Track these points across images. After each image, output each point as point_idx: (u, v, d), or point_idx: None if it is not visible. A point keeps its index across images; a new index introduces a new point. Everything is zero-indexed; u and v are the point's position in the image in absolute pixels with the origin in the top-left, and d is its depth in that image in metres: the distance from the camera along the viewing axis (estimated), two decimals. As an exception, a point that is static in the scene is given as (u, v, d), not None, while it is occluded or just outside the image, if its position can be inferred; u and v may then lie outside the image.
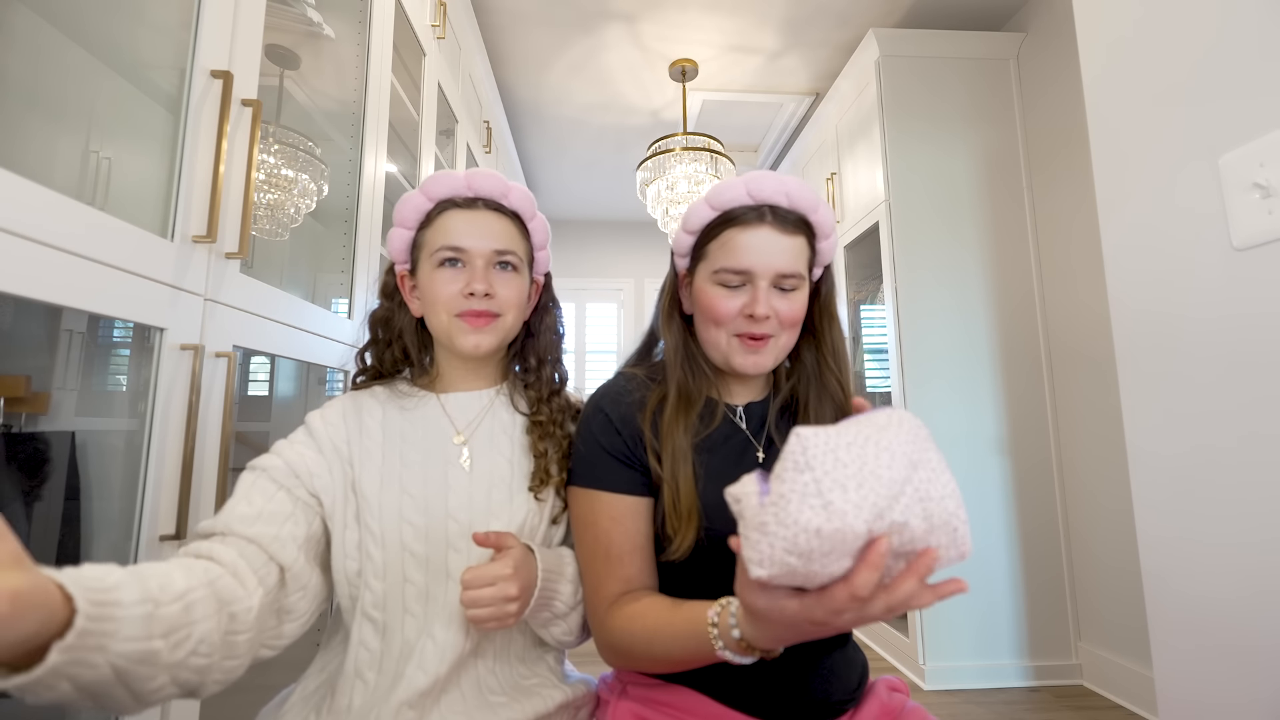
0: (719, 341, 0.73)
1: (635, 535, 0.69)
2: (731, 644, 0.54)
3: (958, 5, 2.21)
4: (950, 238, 2.12)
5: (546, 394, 0.78)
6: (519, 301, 0.76)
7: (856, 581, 0.41)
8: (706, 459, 0.71)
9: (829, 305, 0.78)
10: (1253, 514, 0.75)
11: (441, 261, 0.72)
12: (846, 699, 0.70)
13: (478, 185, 0.74)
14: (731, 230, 0.71)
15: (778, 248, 0.70)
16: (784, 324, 0.72)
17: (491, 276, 0.72)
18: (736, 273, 0.70)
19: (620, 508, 0.69)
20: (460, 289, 0.71)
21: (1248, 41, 0.75)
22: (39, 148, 0.85)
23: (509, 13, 2.23)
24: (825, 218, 0.73)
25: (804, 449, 0.43)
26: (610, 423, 0.72)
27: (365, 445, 0.71)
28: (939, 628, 1.94)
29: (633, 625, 0.64)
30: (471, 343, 0.72)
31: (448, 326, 0.72)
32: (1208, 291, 0.80)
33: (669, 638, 0.60)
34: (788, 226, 0.70)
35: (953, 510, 0.43)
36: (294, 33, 1.31)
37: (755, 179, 0.70)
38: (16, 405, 0.76)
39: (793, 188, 0.70)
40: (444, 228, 0.73)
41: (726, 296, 0.71)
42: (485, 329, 0.72)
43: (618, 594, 0.67)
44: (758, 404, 0.78)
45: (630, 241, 4.38)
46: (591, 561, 0.69)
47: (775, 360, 0.73)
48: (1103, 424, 1.88)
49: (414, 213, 0.75)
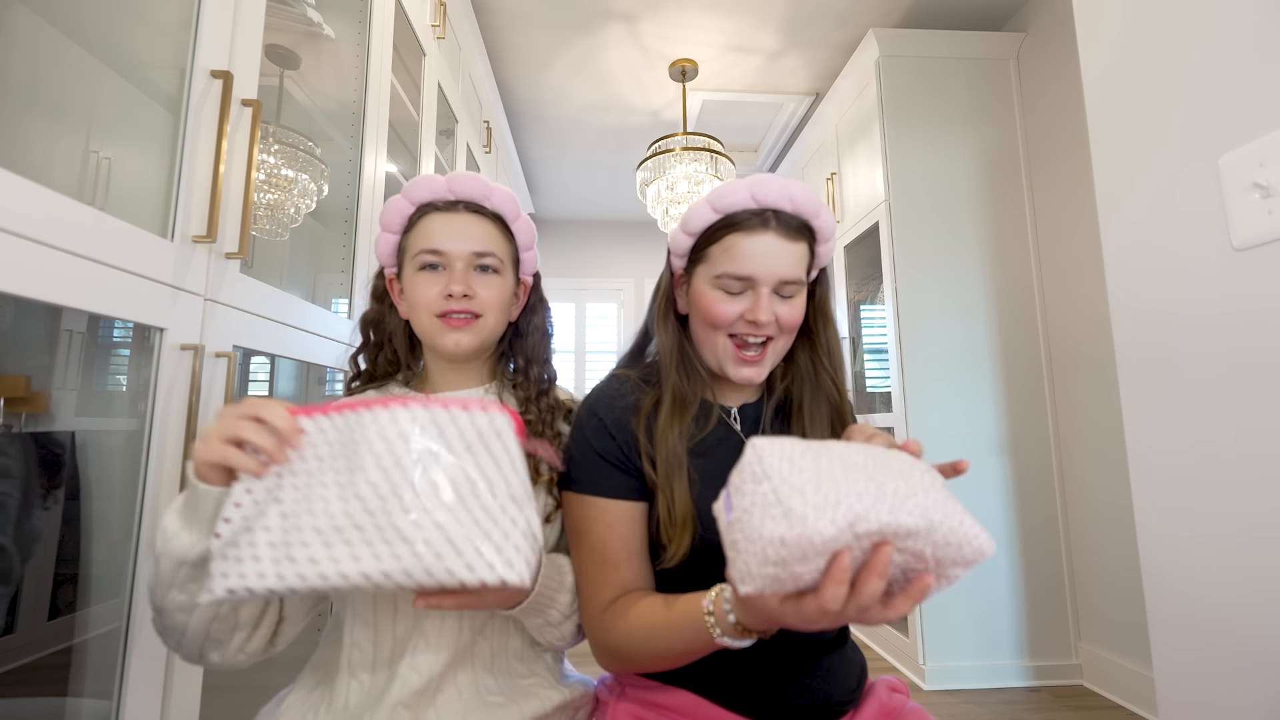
0: (714, 345, 0.73)
1: (631, 541, 0.69)
2: (729, 629, 0.55)
3: (958, 5, 2.21)
4: (950, 238, 2.12)
5: (535, 394, 0.78)
6: (500, 302, 0.76)
7: (824, 596, 0.41)
8: (701, 463, 0.70)
9: (824, 306, 0.78)
10: (1253, 513, 0.75)
11: (422, 265, 0.73)
12: (846, 700, 0.70)
13: (459, 188, 0.75)
14: (734, 235, 0.70)
15: (781, 254, 0.69)
16: (784, 329, 0.72)
17: (471, 278, 0.73)
18: (739, 279, 0.70)
19: (615, 514, 0.69)
20: (439, 291, 0.72)
21: (1248, 41, 0.75)
22: (39, 148, 0.85)
23: (509, 13, 2.23)
24: (827, 222, 0.72)
25: (759, 459, 0.44)
26: (605, 427, 0.71)
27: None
28: (939, 628, 1.94)
29: (629, 625, 0.64)
30: (451, 341, 0.72)
31: (429, 327, 0.73)
32: (1208, 291, 0.80)
33: (666, 632, 0.61)
34: (791, 232, 0.70)
35: (949, 507, 0.43)
36: (294, 33, 1.31)
37: (759, 182, 0.69)
38: (16, 405, 0.77)
39: (797, 192, 0.69)
40: (424, 231, 0.74)
41: (726, 301, 0.71)
42: (465, 329, 0.73)
43: (613, 599, 0.67)
44: (751, 405, 0.78)
45: (630, 241, 4.38)
46: (587, 567, 0.68)
47: (769, 369, 0.73)
48: (1103, 423, 1.88)
49: (397, 217, 0.76)
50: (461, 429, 0.53)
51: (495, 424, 0.54)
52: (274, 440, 0.51)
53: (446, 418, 0.53)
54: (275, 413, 0.51)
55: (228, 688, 0.80)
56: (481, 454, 0.53)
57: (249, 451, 0.51)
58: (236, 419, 0.51)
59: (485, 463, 0.53)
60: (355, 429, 0.52)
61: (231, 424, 0.51)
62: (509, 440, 0.54)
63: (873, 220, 2.24)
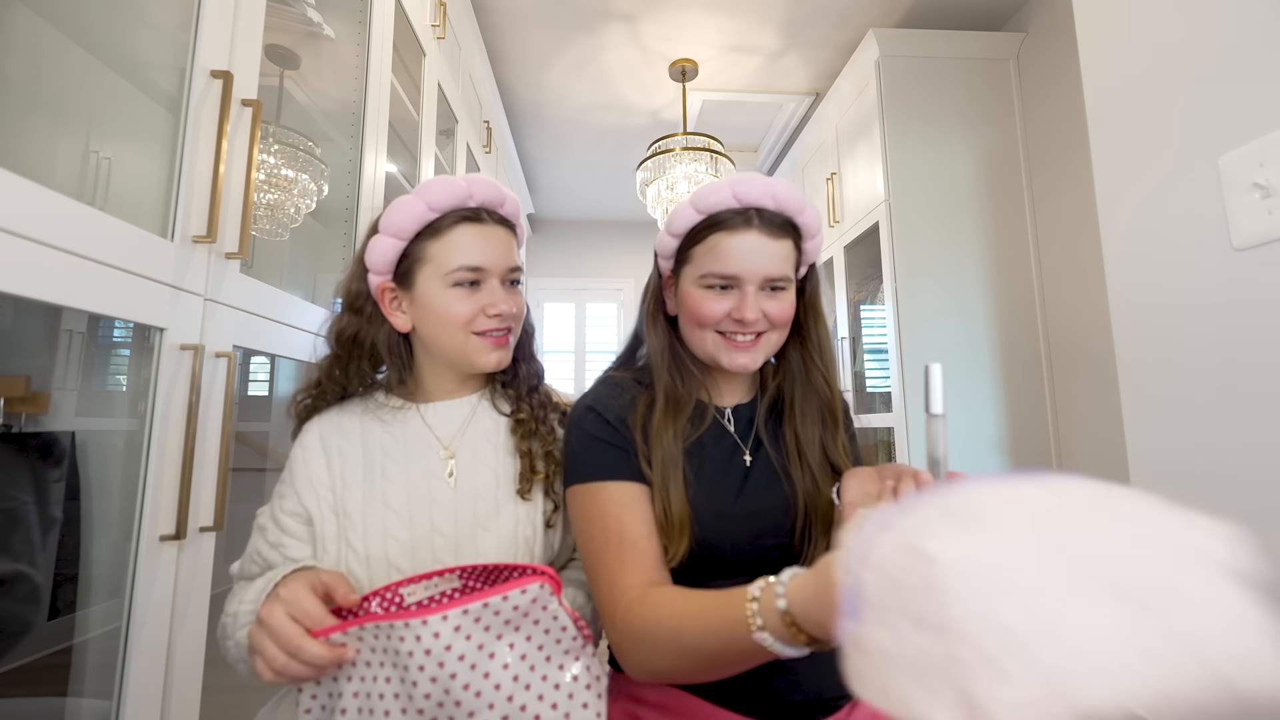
0: (704, 342, 0.73)
1: (649, 521, 0.66)
2: (775, 622, 0.44)
3: (958, 5, 2.21)
4: (950, 238, 2.12)
5: (525, 390, 0.77)
6: (524, 313, 0.77)
7: None
8: (696, 464, 0.70)
9: (814, 302, 0.78)
10: (1254, 512, 0.75)
11: (458, 281, 0.70)
12: (840, 695, 0.70)
13: (480, 195, 0.72)
14: (718, 235, 0.70)
15: (765, 253, 0.69)
16: (774, 324, 0.72)
17: (506, 294, 0.73)
18: (724, 277, 0.70)
19: (630, 493, 0.66)
20: (479, 308, 0.70)
21: (1248, 41, 0.75)
22: (39, 148, 0.85)
23: (509, 13, 2.23)
24: (812, 219, 0.73)
25: (929, 563, 0.25)
26: (604, 419, 0.70)
27: (345, 467, 0.70)
28: (939, 628, 1.94)
29: (659, 613, 0.56)
30: (495, 359, 0.72)
31: (462, 345, 0.71)
32: (1208, 291, 0.80)
33: (701, 622, 0.51)
34: (775, 230, 0.70)
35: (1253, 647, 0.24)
36: (294, 33, 1.31)
37: (741, 181, 0.69)
38: (16, 405, 0.77)
39: (779, 190, 0.69)
40: (457, 244, 0.70)
41: (713, 299, 0.71)
42: (506, 346, 0.74)
43: (639, 584, 0.60)
44: (745, 406, 0.78)
45: (630, 241, 4.38)
46: (604, 555, 0.64)
47: (764, 357, 0.73)
48: (1103, 423, 1.88)
49: (414, 222, 0.70)
50: (501, 613, 0.53)
51: (531, 595, 0.53)
52: (318, 670, 0.53)
53: (482, 609, 0.52)
54: (311, 652, 0.52)
55: (228, 688, 0.80)
56: (529, 627, 0.54)
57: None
58: (280, 654, 0.52)
59: (535, 633, 0.54)
60: (393, 639, 0.52)
61: (276, 658, 0.52)
62: (552, 606, 0.55)
63: (873, 220, 2.24)
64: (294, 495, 0.70)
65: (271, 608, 0.54)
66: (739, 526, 0.69)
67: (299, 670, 0.52)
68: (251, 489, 1.19)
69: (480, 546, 0.68)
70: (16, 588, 0.73)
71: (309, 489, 0.69)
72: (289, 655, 0.52)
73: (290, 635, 0.52)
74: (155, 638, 0.70)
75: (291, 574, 0.60)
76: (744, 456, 0.73)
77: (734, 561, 0.69)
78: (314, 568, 0.63)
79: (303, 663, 0.52)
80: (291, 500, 0.70)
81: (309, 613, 0.54)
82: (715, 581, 0.67)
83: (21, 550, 0.74)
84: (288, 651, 0.52)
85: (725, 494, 0.70)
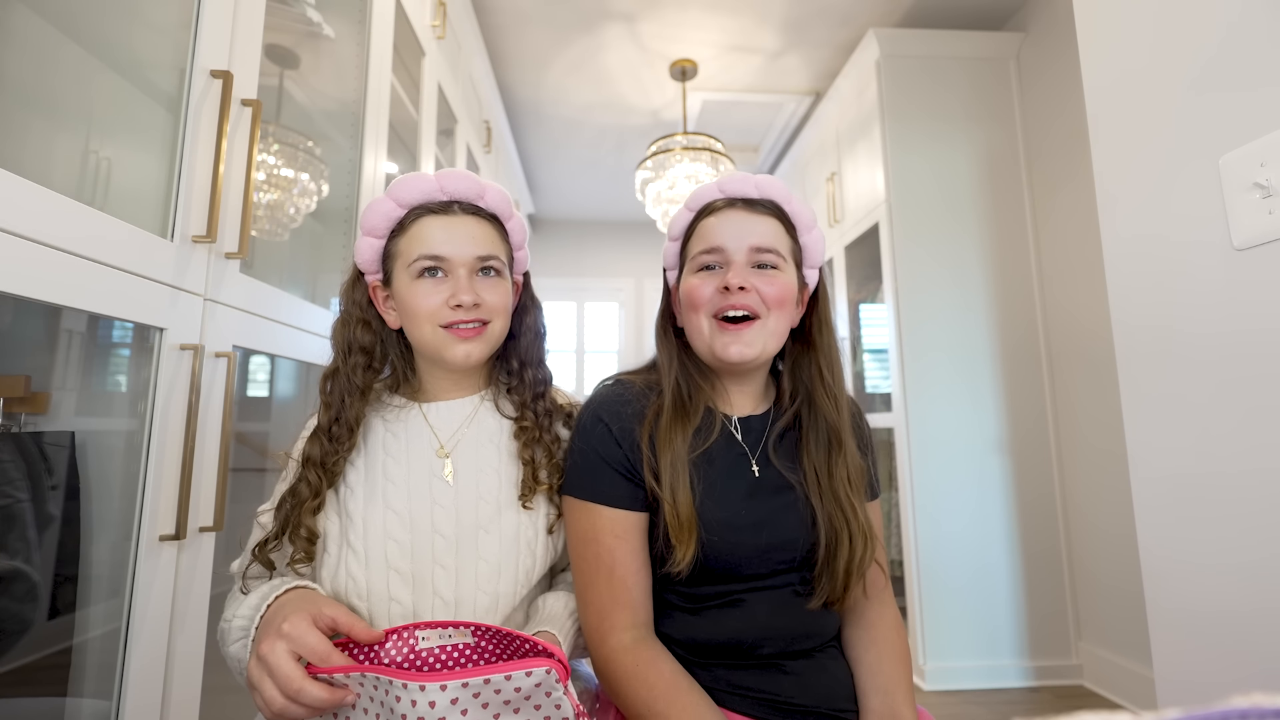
0: (701, 329, 0.72)
1: (640, 553, 0.68)
2: None
3: (958, 5, 2.21)
4: (950, 238, 2.12)
5: (530, 397, 0.75)
6: (505, 306, 0.72)
7: None
8: (704, 474, 0.70)
9: (825, 315, 0.78)
10: (1254, 512, 0.75)
11: (421, 272, 0.68)
12: (846, 708, 0.69)
13: (451, 187, 0.70)
14: (705, 220, 0.74)
15: (748, 224, 0.72)
16: (769, 304, 0.70)
17: (475, 284, 0.69)
18: (710, 252, 0.72)
19: (624, 524, 0.68)
20: (444, 300, 0.68)
21: (1248, 41, 0.75)
22: (39, 148, 0.85)
23: (509, 13, 2.23)
24: (800, 210, 0.75)
25: None
26: (611, 434, 0.70)
27: (347, 466, 0.70)
28: (939, 628, 1.94)
29: (647, 673, 0.63)
30: (462, 353, 0.69)
31: (433, 339, 0.69)
32: (1208, 291, 0.80)
33: (664, 709, 0.60)
34: (758, 209, 0.73)
35: None
36: (294, 33, 1.31)
37: (728, 178, 0.75)
38: (16, 405, 0.76)
39: (763, 180, 0.74)
40: (420, 236, 0.69)
41: (703, 280, 0.72)
42: (475, 339, 0.69)
43: (626, 625, 0.65)
44: (757, 417, 0.77)
45: (630, 241, 4.38)
46: (594, 580, 0.67)
47: (762, 348, 0.71)
48: (1103, 423, 1.88)
49: (383, 220, 0.70)
50: (502, 691, 0.51)
51: (536, 679, 0.51)
52: (318, 712, 0.52)
53: (483, 685, 0.50)
54: (312, 695, 0.50)
55: (228, 688, 0.80)
56: (529, 711, 0.52)
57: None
58: (279, 696, 0.51)
59: (535, 718, 0.52)
60: (390, 695, 0.51)
61: (275, 700, 0.51)
62: (556, 693, 0.52)
63: (873, 220, 2.24)
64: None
65: (273, 644, 0.52)
66: (748, 539, 0.68)
67: (298, 713, 0.51)
68: (251, 489, 1.19)
69: (481, 549, 0.67)
70: (14, 586, 0.73)
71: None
72: (288, 699, 0.51)
73: (290, 678, 0.50)
74: (155, 638, 0.70)
75: (291, 597, 0.59)
76: (751, 468, 0.73)
77: (747, 579, 0.69)
78: (313, 590, 0.62)
79: (302, 705, 0.51)
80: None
81: (314, 649, 0.52)
82: (722, 587, 0.68)
83: (18, 548, 0.74)
84: (287, 695, 0.51)
85: (733, 503, 0.70)
